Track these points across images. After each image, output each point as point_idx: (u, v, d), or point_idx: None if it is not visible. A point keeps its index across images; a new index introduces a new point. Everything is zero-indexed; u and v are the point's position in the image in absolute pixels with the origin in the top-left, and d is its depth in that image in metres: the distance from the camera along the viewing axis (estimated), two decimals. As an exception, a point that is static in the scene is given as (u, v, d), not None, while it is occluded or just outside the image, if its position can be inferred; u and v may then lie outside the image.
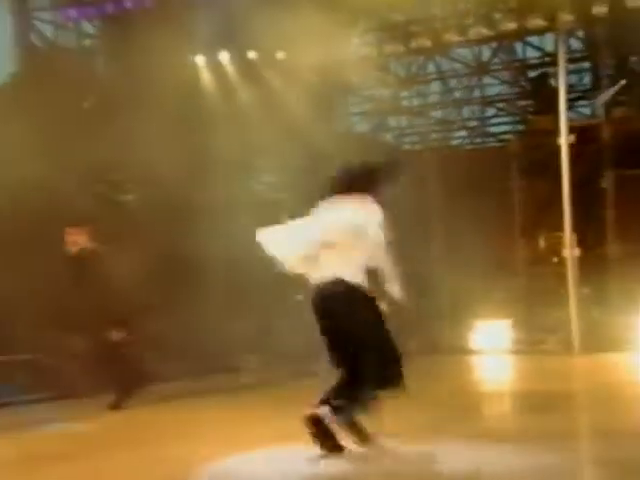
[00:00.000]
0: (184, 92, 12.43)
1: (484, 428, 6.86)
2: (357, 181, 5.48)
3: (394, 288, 5.48)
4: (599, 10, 11.99)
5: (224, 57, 13.13)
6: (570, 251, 12.85)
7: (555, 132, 12.82)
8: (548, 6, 12.38)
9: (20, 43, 12.83)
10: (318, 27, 11.85)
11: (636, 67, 14.79)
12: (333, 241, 5.31)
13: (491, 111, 18.16)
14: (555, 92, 13.06)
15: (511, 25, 12.83)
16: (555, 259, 13.89)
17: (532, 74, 16.28)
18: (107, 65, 13.51)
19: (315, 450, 5.60)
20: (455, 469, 5.35)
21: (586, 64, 15.60)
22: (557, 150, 12.83)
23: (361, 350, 5.38)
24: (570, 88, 13.64)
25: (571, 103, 13.70)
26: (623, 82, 14.23)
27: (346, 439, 5.73)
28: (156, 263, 10.58)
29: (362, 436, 5.46)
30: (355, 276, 5.30)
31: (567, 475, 5.23)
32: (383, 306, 6.67)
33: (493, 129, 18.41)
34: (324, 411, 5.36)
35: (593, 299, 13.64)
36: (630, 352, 11.97)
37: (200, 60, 13.07)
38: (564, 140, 12.65)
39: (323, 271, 5.35)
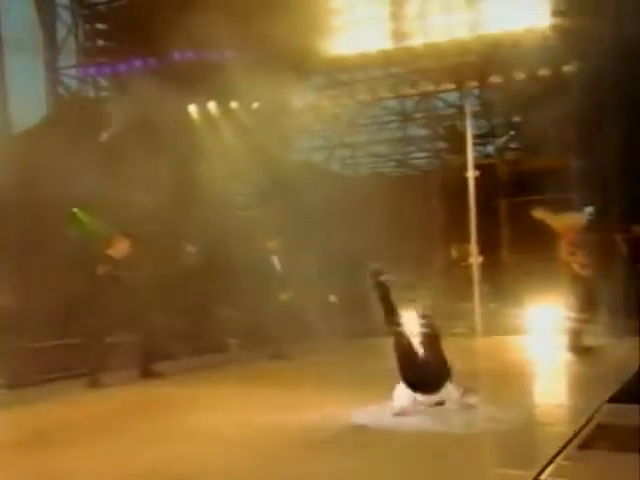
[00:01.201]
0: (178, 133, 13.27)
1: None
2: None
3: None
4: (495, 79, 13.71)
5: (212, 106, 14.23)
6: (475, 258, 13.95)
7: (464, 167, 13.95)
8: (458, 74, 13.80)
9: (50, 92, 13.82)
10: (282, 84, 13.06)
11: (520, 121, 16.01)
12: None
13: (414, 149, 19.07)
14: (463, 137, 14.19)
15: (430, 87, 14.49)
16: (463, 264, 14.53)
17: (445, 123, 17.17)
18: (118, 111, 13.80)
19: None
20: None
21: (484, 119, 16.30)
22: (465, 181, 13.91)
23: None
24: (474, 135, 14.46)
25: (475, 146, 14.43)
26: (511, 132, 15.92)
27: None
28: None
29: None
30: None
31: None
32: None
33: (416, 162, 19.31)
34: None
35: (491, 295, 14.39)
36: (518, 335, 13.01)
37: (192, 108, 14.16)
38: (470, 174, 13.85)
39: None
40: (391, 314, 6.87)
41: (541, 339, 12.58)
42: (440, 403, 6.46)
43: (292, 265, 12.30)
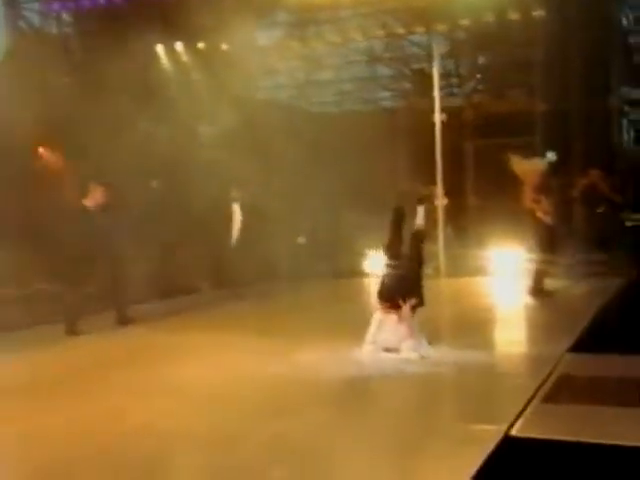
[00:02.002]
0: (145, 74, 12.82)
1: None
2: None
3: None
4: (463, 22, 13.60)
5: (179, 46, 13.97)
6: (440, 200, 13.87)
7: (430, 110, 13.86)
8: (427, 16, 13.66)
9: (11, 28, 13.30)
10: (249, 24, 12.96)
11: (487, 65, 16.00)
12: None
13: (381, 89, 18.88)
14: (430, 80, 14.06)
15: (399, 28, 14.36)
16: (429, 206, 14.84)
17: (413, 65, 17.10)
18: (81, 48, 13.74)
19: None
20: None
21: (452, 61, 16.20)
22: (431, 123, 13.82)
23: None
24: (441, 77, 14.37)
25: (442, 89, 14.39)
26: (478, 76, 15.82)
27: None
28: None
29: None
30: None
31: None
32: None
33: (383, 102, 19.04)
34: None
35: (456, 237, 14.66)
36: (481, 277, 13.24)
37: (160, 48, 13.84)
38: (437, 117, 13.82)
39: None
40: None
41: (503, 281, 12.81)
42: (397, 350, 6.70)
43: (257, 208, 12.33)
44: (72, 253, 8.66)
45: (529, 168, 10.56)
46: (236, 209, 12.05)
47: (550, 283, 10.77)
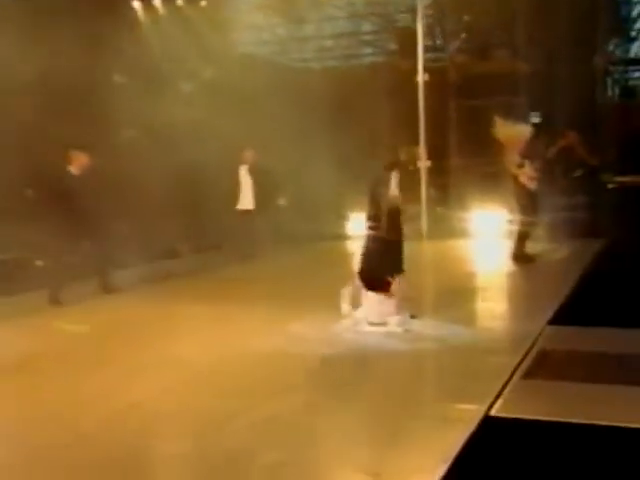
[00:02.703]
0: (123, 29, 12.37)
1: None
2: None
3: None
4: None
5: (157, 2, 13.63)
6: (423, 162, 13.90)
7: (414, 70, 13.77)
8: None
9: None
10: None
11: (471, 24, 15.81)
12: None
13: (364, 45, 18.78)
14: (414, 39, 13.86)
15: None
16: (411, 167, 14.13)
17: (397, 23, 16.91)
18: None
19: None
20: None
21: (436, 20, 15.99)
22: (414, 83, 13.75)
23: None
24: (425, 37, 14.21)
25: (426, 49, 14.21)
26: (463, 35, 15.66)
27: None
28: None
29: None
30: None
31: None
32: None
33: (366, 59, 18.94)
34: None
35: (438, 199, 14.72)
36: (463, 239, 13.34)
37: (137, 4, 13.51)
38: (420, 77, 13.72)
39: None
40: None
41: (485, 243, 12.94)
42: (382, 324, 6.71)
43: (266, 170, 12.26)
44: (59, 220, 8.39)
45: (513, 133, 10.51)
46: (244, 172, 12.03)
47: (532, 246, 10.82)
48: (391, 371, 5.69)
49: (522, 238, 10.74)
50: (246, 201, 12.06)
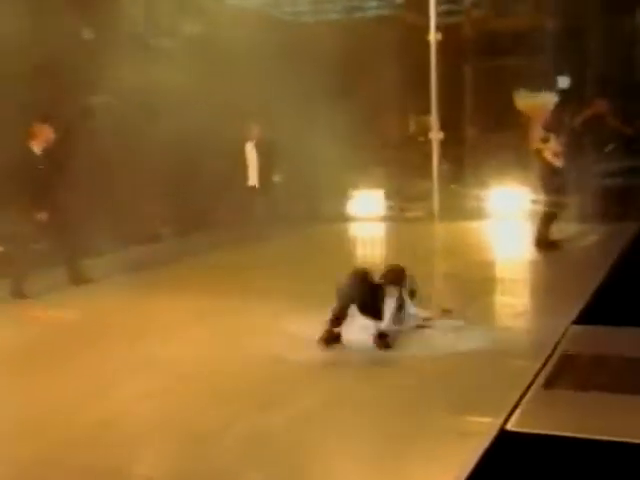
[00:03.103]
0: None
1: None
2: None
3: None
4: None
5: None
6: (435, 133, 14.23)
7: (425, 28, 14.21)
8: None
9: None
10: None
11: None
12: None
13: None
14: None
15: None
16: (422, 139, 13.31)
17: None
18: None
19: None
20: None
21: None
22: (425, 43, 14.23)
23: None
24: None
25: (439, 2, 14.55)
26: None
27: None
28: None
29: None
30: None
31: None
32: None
33: (370, 12, 18.50)
34: None
35: (452, 175, 14.31)
36: (479, 220, 13.37)
37: None
38: (432, 36, 14.10)
39: None
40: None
41: (504, 226, 12.98)
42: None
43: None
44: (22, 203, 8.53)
45: (536, 104, 10.52)
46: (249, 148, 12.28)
47: (558, 230, 10.86)
48: (396, 377, 5.73)
49: (547, 221, 10.80)
50: (251, 178, 12.50)
